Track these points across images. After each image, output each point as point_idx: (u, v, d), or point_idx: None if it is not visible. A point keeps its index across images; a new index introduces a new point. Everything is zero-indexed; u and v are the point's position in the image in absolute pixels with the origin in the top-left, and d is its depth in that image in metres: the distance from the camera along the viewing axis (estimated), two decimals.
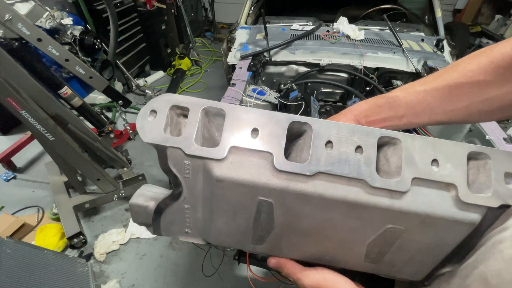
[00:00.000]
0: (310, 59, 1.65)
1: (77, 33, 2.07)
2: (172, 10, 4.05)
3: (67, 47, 1.97)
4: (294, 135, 0.41)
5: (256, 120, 0.38)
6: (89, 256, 1.87)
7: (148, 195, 0.46)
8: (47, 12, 1.76)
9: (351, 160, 0.37)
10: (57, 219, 2.02)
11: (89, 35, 2.12)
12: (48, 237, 1.86)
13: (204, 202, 0.43)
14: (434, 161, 0.37)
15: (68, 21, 2.02)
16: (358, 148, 0.37)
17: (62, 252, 1.85)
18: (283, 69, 1.73)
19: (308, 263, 0.46)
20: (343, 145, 0.37)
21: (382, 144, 0.39)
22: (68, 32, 2.03)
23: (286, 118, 0.38)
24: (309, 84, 1.66)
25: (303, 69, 1.70)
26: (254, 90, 1.49)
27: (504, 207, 0.36)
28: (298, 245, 0.44)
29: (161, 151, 0.40)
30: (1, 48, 1.37)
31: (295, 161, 0.37)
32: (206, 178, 0.40)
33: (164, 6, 3.77)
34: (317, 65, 1.64)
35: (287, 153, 0.41)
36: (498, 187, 0.36)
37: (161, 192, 0.48)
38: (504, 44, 0.45)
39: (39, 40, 1.57)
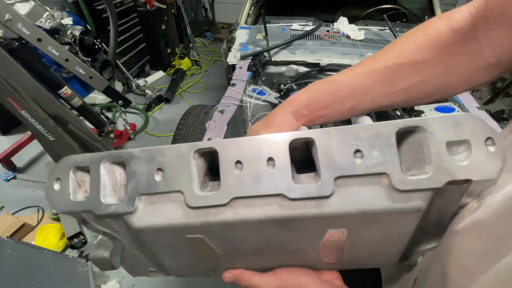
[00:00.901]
0: (310, 59, 1.65)
1: (77, 33, 2.08)
2: (172, 10, 4.05)
3: (67, 47, 1.97)
4: (209, 163, 0.39)
5: (160, 158, 0.35)
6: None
7: (107, 244, 0.44)
8: (47, 12, 1.76)
9: (264, 176, 0.33)
10: (57, 219, 2.02)
11: (89, 35, 2.13)
12: (48, 237, 1.86)
13: (146, 249, 0.42)
14: (357, 152, 0.32)
15: (68, 21, 2.02)
16: (270, 160, 0.33)
17: (62, 252, 1.85)
18: (283, 69, 1.73)
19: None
20: (252, 162, 0.33)
21: (298, 147, 0.36)
22: (68, 32, 2.03)
23: (189, 148, 0.35)
24: (309, 84, 1.66)
25: (303, 69, 1.70)
26: (254, 90, 1.49)
27: (458, 183, 0.31)
28: (254, 262, 0.43)
29: (78, 217, 0.38)
30: (1, 48, 1.37)
31: (212, 191, 0.35)
32: (131, 231, 0.37)
33: (164, 6, 3.77)
34: (317, 65, 1.64)
35: (206, 185, 0.37)
36: (440, 162, 0.30)
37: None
38: (438, 20, 0.44)
39: (39, 40, 1.58)
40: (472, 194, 0.33)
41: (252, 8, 2.27)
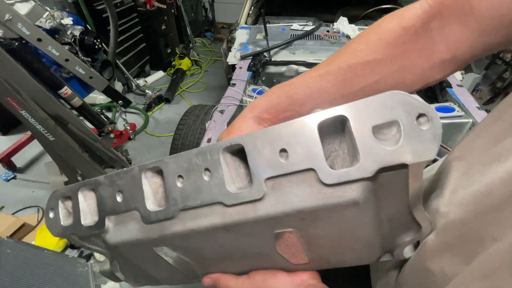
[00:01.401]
0: (310, 59, 1.65)
1: (77, 33, 2.08)
2: (172, 10, 4.05)
3: (67, 47, 1.97)
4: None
5: (119, 182, 0.40)
6: (89, 256, 1.87)
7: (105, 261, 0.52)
8: (47, 12, 1.77)
9: (203, 186, 0.35)
10: None
11: (89, 35, 2.13)
12: (48, 237, 1.86)
13: (128, 260, 0.47)
14: (282, 151, 0.31)
15: (68, 21, 2.02)
16: (206, 170, 0.34)
17: (62, 252, 1.85)
18: (283, 69, 1.73)
19: None
20: (191, 174, 0.35)
21: (234, 154, 0.36)
22: (68, 32, 2.03)
23: (139, 170, 0.38)
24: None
25: (303, 69, 1.70)
26: (254, 90, 1.49)
27: (393, 169, 0.29)
28: (226, 267, 0.44)
29: (70, 239, 0.44)
30: (1, 48, 1.37)
31: (161, 207, 0.38)
32: (108, 246, 0.43)
33: (164, 6, 3.77)
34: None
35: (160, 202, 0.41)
36: (367, 150, 0.28)
37: None
38: (390, 19, 0.44)
39: (39, 40, 1.58)
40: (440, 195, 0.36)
41: (252, 8, 2.27)
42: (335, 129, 0.32)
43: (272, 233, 0.35)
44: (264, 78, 1.77)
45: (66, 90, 1.79)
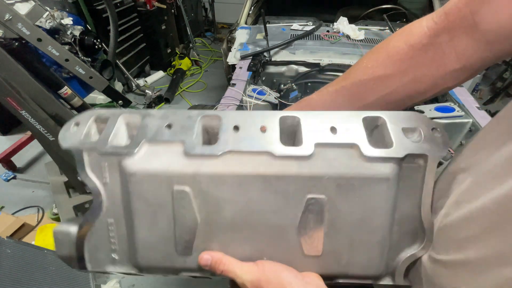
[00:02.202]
0: (310, 59, 1.65)
1: (77, 33, 2.08)
2: (172, 10, 4.05)
3: (67, 47, 1.97)
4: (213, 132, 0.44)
5: (172, 117, 0.41)
6: None
7: (75, 219, 0.43)
8: (47, 12, 1.77)
9: (256, 137, 0.39)
10: (57, 219, 2.02)
11: (89, 35, 2.13)
12: (48, 237, 1.86)
13: (125, 210, 0.41)
14: (333, 128, 0.39)
15: (68, 21, 2.02)
16: (262, 127, 0.40)
17: None
18: (283, 69, 1.73)
19: None
20: (248, 127, 0.40)
21: (289, 126, 0.42)
22: (68, 32, 2.03)
23: (198, 114, 0.42)
24: (309, 84, 1.66)
25: (303, 69, 1.70)
26: (254, 90, 1.49)
27: (416, 157, 0.38)
28: (231, 247, 0.41)
29: (78, 156, 0.40)
30: (1, 48, 1.37)
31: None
32: (123, 177, 0.40)
33: (164, 6, 3.77)
34: (317, 65, 1.64)
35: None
36: (399, 140, 0.38)
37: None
38: (397, 37, 0.48)
39: (39, 40, 1.58)
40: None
41: (252, 8, 2.27)
42: (367, 127, 0.41)
43: (305, 197, 0.38)
44: (264, 78, 1.77)
45: (66, 90, 1.79)
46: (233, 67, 1.71)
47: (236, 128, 0.40)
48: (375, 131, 0.42)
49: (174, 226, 0.40)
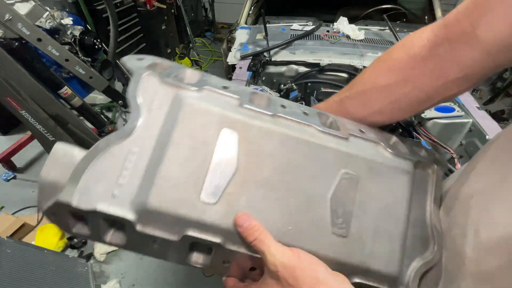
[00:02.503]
0: (310, 59, 1.65)
1: (77, 33, 2.07)
2: (172, 10, 4.05)
3: (67, 47, 1.97)
4: None
5: (226, 83, 0.46)
6: (89, 256, 1.87)
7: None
8: (47, 12, 1.76)
9: (301, 115, 0.46)
10: None
11: (89, 35, 2.13)
12: (48, 237, 1.86)
13: (158, 141, 0.38)
14: (361, 131, 0.49)
15: (68, 21, 2.02)
16: (305, 113, 0.47)
17: (62, 252, 1.85)
18: (283, 69, 1.73)
19: None
20: (294, 108, 0.47)
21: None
22: (68, 32, 2.03)
23: (249, 88, 0.50)
24: (309, 84, 1.66)
25: (303, 69, 1.70)
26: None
27: (423, 165, 0.48)
28: (259, 206, 0.39)
29: (137, 75, 0.41)
30: (1, 48, 1.37)
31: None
32: (174, 108, 0.39)
33: (164, 6, 3.77)
34: (317, 65, 1.64)
35: None
36: (411, 151, 0.49)
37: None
38: (398, 49, 0.51)
39: (39, 40, 1.57)
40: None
41: (252, 8, 2.27)
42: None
43: (340, 171, 0.43)
44: (264, 78, 1.77)
45: (66, 90, 1.79)
46: (233, 67, 1.71)
47: (283, 106, 0.46)
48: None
49: (209, 166, 0.38)
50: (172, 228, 0.37)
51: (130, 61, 0.43)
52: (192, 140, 0.38)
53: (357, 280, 0.41)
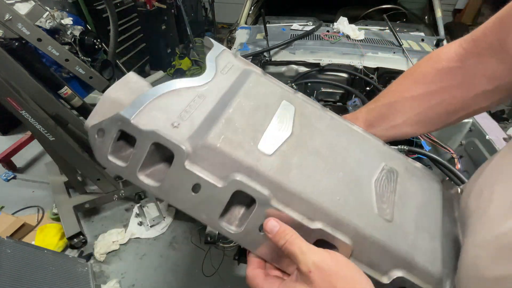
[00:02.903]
0: (310, 59, 1.65)
1: (77, 33, 2.07)
2: (172, 10, 4.05)
3: (67, 47, 1.97)
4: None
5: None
6: (89, 256, 1.87)
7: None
8: (47, 12, 1.76)
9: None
10: (57, 219, 2.02)
11: (89, 35, 2.13)
12: (48, 237, 1.86)
13: (224, 97, 0.41)
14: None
15: (68, 21, 2.02)
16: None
17: (62, 252, 1.85)
18: (283, 69, 1.73)
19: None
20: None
21: None
22: (68, 32, 2.03)
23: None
24: (309, 84, 1.66)
25: (303, 69, 1.70)
26: None
27: (448, 185, 0.52)
28: (309, 170, 0.38)
29: (217, 47, 0.49)
30: (1, 48, 1.37)
31: None
32: (242, 77, 0.46)
33: (164, 6, 3.76)
34: (317, 65, 1.64)
35: None
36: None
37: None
38: (425, 63, 0.51)
39: (39, 40, 1.57)
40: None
41: (252, 8, 2.27)
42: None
43: (381, 163, 0.45)
44: None
45: (66, 90, 1.79)
46: None
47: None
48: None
49: (268, 124, 0.40)
50: (221, 171, 0.35)
51: (210, 39, 0.49)
52: (256, 100, 0.42)
53: (400, 274, 0.37)
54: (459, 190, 0.51)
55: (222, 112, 0.38)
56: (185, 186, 0.35)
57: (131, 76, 0.42)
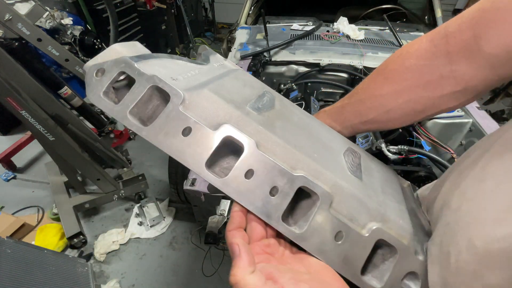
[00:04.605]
0: (310, 59, 1.65)
1: (77, 33, 2.08)
2: (172, 10, 4.05)
3: (67, 47, 1.97)
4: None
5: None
6: (89, 256, 1.87)
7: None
8: (47, 12, 1.76)
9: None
10: (57, 219, 2.02)
11: (89, 35, 2.13)
12: (48, 237, 1.86)
13: (215, 80, 0.45)
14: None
15: (68, 21, 2.02)
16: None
17: (62, 252, 1.86)
18: (283, 69, 1.73)
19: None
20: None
21: None
22: (68, 32, 2.03)
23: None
24: (309, 84, 1.66)
25: (303, 69, 1.70)
26: None
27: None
28: (291, 132, 0.43)
29: (210, 51, 0.57)
30: (1, 48, 1.37)
31: None
32: (231, 71, 0.53)
33: (164, 6, 3.77)
34: (317, 65, 1.64)
35: None
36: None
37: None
38: (395, 59, 0.51)
39: (39, 40, 1.58)
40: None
41: (252, 8, 2.27)
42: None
43: (346, 146, 0.53)
44: (264, 78, 1.77)
45: (66, 90, 1.79)
46: None
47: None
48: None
49: (255, 98, 0.46)
50: (213, 118, 0.37)
51: (206, 47, 0.57)
52: (244, 82, 0.50)
53: (376, 225, 0.39)
54: (409, 183, 0.60)
55: (216, 81, 0.44)
56: (175, 129, 0.35)
57: (137, 43, 0.46)
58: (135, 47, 0.45)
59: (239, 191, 0.36)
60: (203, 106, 0.37)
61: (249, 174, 0.36)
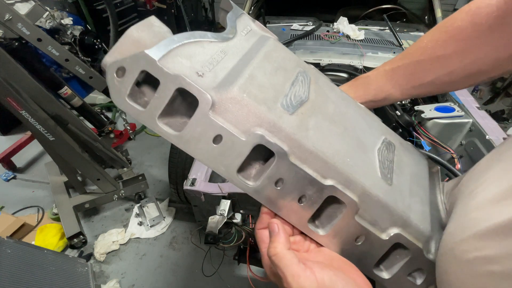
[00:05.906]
0: (310, 59, 1.65)
1: (77, 33, 2.08)
2: (172, 10, 4.04)
3: (67, 47, 1.97)
4: None
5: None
6: (89, 256, 1.87)
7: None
8: (47, 12, 1.76)
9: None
10: (57, 219, 2.02)
11: (89, 35, 2.13)
12: (48, 237, 1.86)
13: (244, 57, 0.41)
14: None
15: (68, 21, 2.02)
16: None
17: (62, 252, 1.86)
18: None
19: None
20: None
21: None
22: (68, 32, 2.03)
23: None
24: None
25: None
26: None
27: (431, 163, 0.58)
28: (324, 132, 0.41)
29: (236, 10, 0.49)
30: (1, 48, 1.37)
31: None
32: (261, 41, 0.47)
33: (164, 6, 3.76)
34: (317, 65, 1.64)
35: None
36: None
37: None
38: (462, 16, 0.47)
39: (39, 40, 1.58)
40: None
41: (252, 8, 2.27)
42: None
43: (382, 136, 0.50)
44: None
45: (66, 90, 1.79)
46: None
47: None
48: None
49: (288, 87, 0.42)
50: (244, 125, 0.35)
51: (229, 1, 0.48)
52: (275, 63, 0.44)
53: (397, 231, 0.40)
54: (438, 168, 0.57)
55: (245, 68, 0.38)
56: (206, 136, 0.34)
57: (154, 20, 0.39)
58: (152, 28, 0.39)
59: (269, 199, 0.38)
60: (233, 110, 0.35)
61: (279, 182, 0.37)
